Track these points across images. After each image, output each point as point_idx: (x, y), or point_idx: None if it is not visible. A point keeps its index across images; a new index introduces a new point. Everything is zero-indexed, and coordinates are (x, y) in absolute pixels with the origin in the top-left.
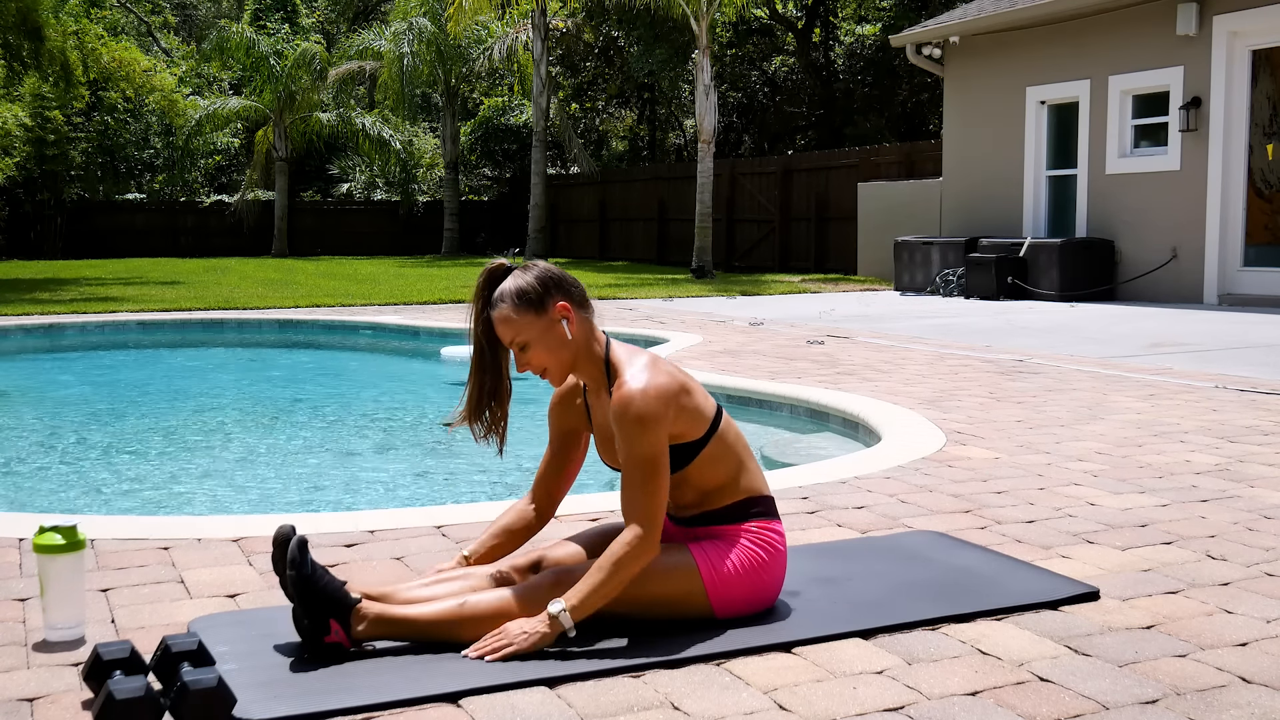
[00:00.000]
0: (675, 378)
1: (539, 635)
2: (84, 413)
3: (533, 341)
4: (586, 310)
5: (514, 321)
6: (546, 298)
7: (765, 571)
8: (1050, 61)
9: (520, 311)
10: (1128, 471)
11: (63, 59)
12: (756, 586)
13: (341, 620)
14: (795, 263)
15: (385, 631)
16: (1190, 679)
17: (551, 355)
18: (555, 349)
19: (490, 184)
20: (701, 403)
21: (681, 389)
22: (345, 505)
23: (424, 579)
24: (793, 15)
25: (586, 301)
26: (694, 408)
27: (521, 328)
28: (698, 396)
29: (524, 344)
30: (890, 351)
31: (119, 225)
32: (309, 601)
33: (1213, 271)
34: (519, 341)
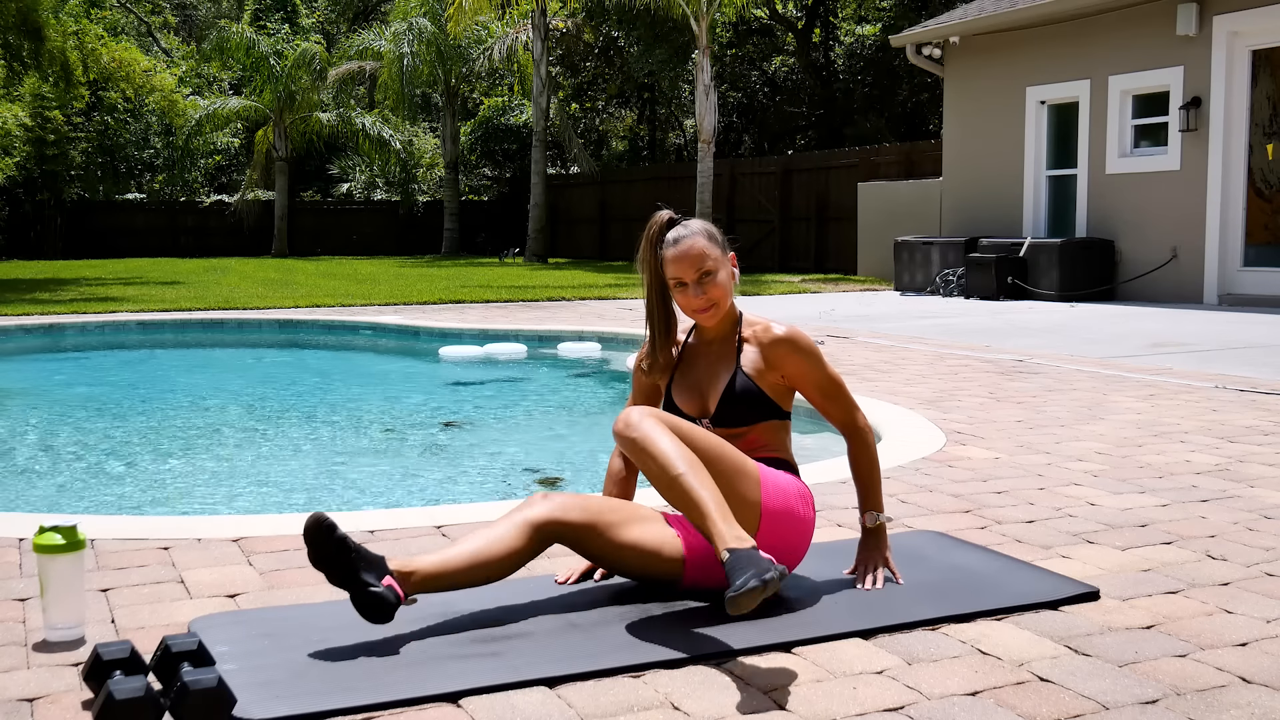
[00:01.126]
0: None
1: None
2: (84, 413)
3: (718, 272)
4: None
5: (708, 252)
6: (724, 240)
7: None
8: (1050, 61)
9: (712, 245)
10: (1128, 471)
11: (63, 59)
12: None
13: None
14: (795, 263)
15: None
16: (1190, 679)
17: (723, 291)
18: (726, 286)
19: (490, 184)
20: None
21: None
22: (345, 505)
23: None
24: (793, 15)
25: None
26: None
27: (713, 259)
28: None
29: (711, 271)
30: (890, 351)
31: (119, 225)
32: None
33: (1213, 271)
34: (708, 268)
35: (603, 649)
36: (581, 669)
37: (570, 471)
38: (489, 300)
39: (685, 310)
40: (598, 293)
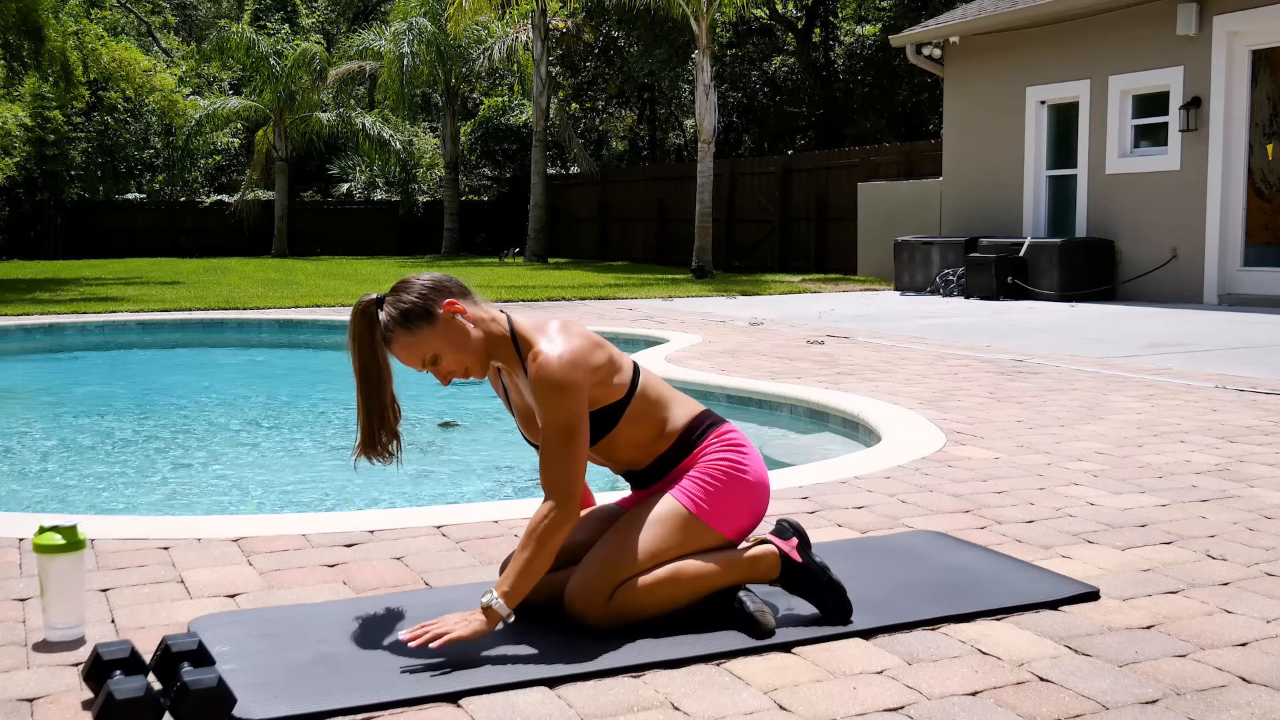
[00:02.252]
0: (589, 338)
1: (476, 625)
2: (84, 412)
3: (440, 351)
4: (471, 298)
5: (414, 343)
6: (430, 305)
7: (746, 471)
8: (1050, 61)
9: (414, 331)
10: (1128, 471)
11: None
12: (746, 489)
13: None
14: (795, 263)
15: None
16: (1190, 679)
17: (463, 354)
18: (463, 347)
19: (490, 184)
20: (617, 361)
21: (596, 347)
22: (345, 505)
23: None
24: (793, 15)
25: (467, 290)
26: (610, 369)
27: (423, 344)
28: (613, 357)
29: (434, 357)
30: (890, 351)
31: (119, 225)
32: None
33: (1213, 271)
34: (428, 358)
35: (603, 649)
36: (581, 669)
37: None
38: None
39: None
40: (598, 293)
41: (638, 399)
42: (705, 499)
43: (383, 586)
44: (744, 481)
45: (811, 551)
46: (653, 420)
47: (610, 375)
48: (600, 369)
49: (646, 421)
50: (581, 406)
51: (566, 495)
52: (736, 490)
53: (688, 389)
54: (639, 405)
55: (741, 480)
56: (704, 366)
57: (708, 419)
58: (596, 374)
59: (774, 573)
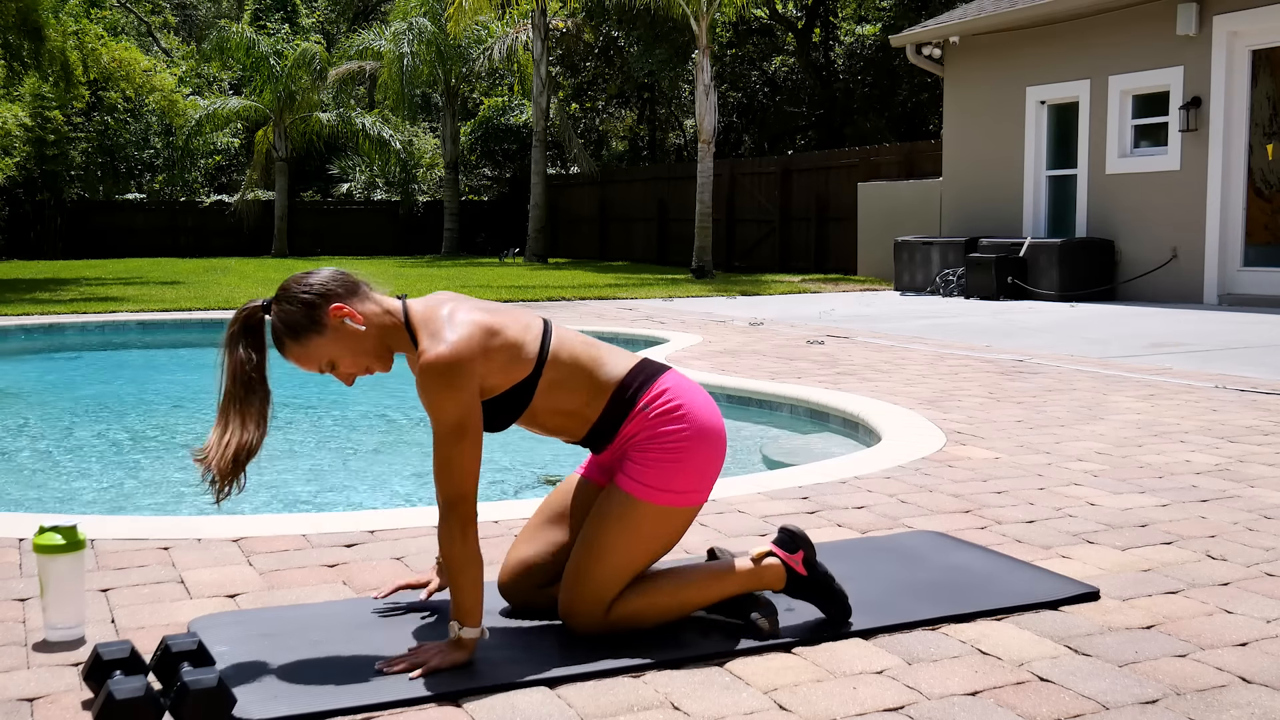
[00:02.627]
0: (477, 323)
1: (457, 657)
2: (84, 412)
3: (334, 356)
4: (358, 294)
5: (306, 353)
6: (316, 314)
7: (688, 438)
8: (1050, 61)
9: (304, 341)
10: (1128, 471)
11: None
12: (696, 454)
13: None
14: (795, 263)
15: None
16: (1190, 679)
17: (360, 355)
18: (358, 349)
19: (490, 184)
20: (517, 337)
21: (486, 332)
22: (345, 505)
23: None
24: (793, 15)
25: (355, 284)
26: (507, 346)
27: (316, 353)
28: (510, 333)
29: (331, 363)
30: (890, 351)
31: (119, 225)
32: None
33: (1213, 271)
34: (324, 365)
35: (603, 649)
36: (581, 669)
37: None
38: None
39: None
40: (598, 293)
41: (549, 368)
42: (658, 483)
43: (383, 586)
44: (690, 449)
45: (817, 559)
46: (576, 387)
47: (511, 356)
48: (495, 353)
49: (569, 388)
50: (469, 404)
51: (460, 497)
52: (685, 460)
53: None
54: (553, 375)
55: (687, 449)
56: (704, 366)
57: (640, 375)
58: (492, 361)
59: (779, 584)
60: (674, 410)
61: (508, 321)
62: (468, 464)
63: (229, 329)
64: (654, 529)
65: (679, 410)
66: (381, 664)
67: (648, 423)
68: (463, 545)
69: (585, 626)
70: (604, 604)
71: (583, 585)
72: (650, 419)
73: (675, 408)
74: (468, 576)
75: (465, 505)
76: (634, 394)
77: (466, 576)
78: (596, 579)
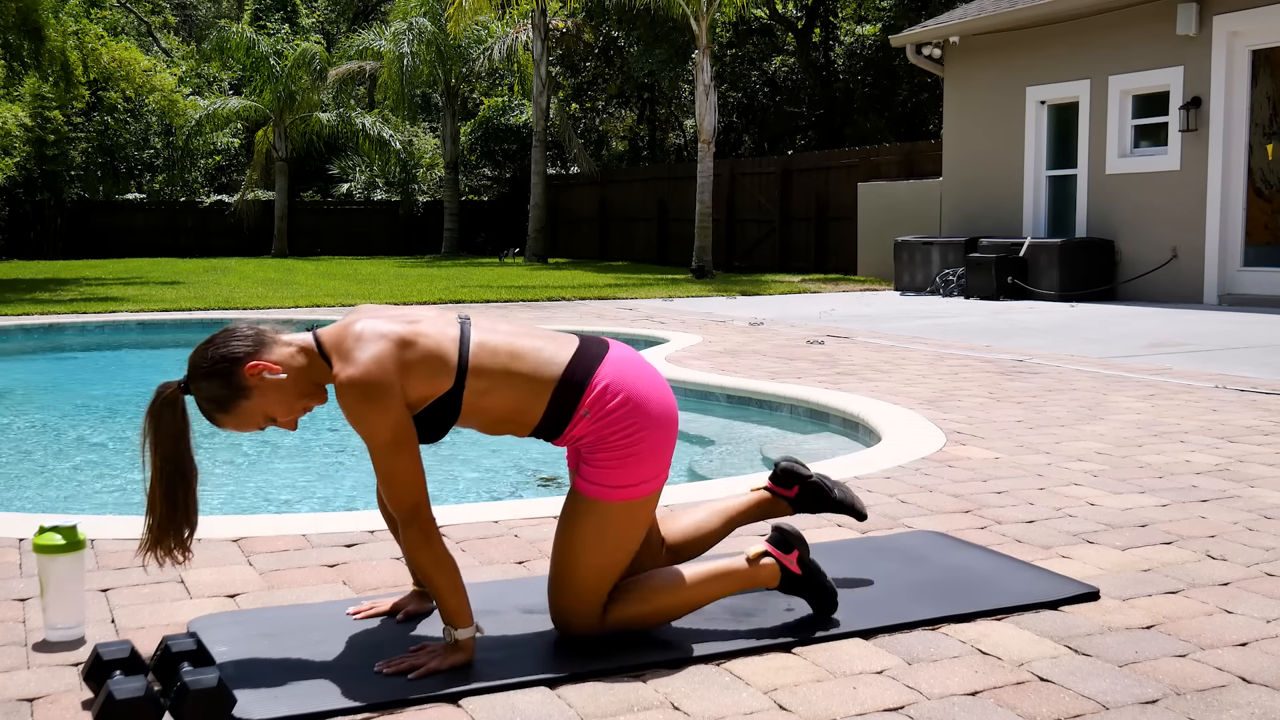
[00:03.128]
0: (388, 336)
1: (456, 659)
2: (84, 412)
3: (269, 410)
4: (265, 344)
5: (241, 421)
6: (233, 378)
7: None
8: (1050, 61)
9: (233, 410)
10: (1128, 471)
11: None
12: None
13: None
14: (795, 263)
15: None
16: (1190, 679)
17: (289, 402)
18: (286, 396)
19: (490, 184)
20: (435, 346)
21: (399, 344)
22: (346, 505)
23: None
24: (793, 15)
25: (260, 336)
26: (426, 356)
27: (249, 416)
28: (426, 342)
29: (268, 418)
30: (890, 351)
31: (119, 225)
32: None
33: (1213, 271)
34: (263, 422)
35: (603, 649)
36: (581, 669)
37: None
38: (489, 300)
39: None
40: (598, 293)
41: (473, 377)
42: (619, 481)
43: (383, 586)
44: (640, 442)
45: (810, 557)
46: (507, 391)
47: (432, 368)
48: (413, 366)
49: (500, 394)
50: (396, 417)
51: (414, 507)
52: (638, 453)
53: (688, 388)
54: (478, 384)
55: (638, 442)
56: (704, 366)
57: (578, 369)
58: (411, 373)
59: (774, 583)
60: (618, 408)
61: (426, 330)
62: (411, 473)
63: (148, 411)
64: (624, 526)
65: (623, 406)
66: (381, 665)
67: (594, 425)
68: (429, 550)
69: (580, 633)
70: (595, 608)
71: (567, 595)
72: (596, 422)
73: (619, 404)
74: (444, 580)
75: (422, 511)
76: (574, 395)
77: (443, 580)
78: (580, 585)
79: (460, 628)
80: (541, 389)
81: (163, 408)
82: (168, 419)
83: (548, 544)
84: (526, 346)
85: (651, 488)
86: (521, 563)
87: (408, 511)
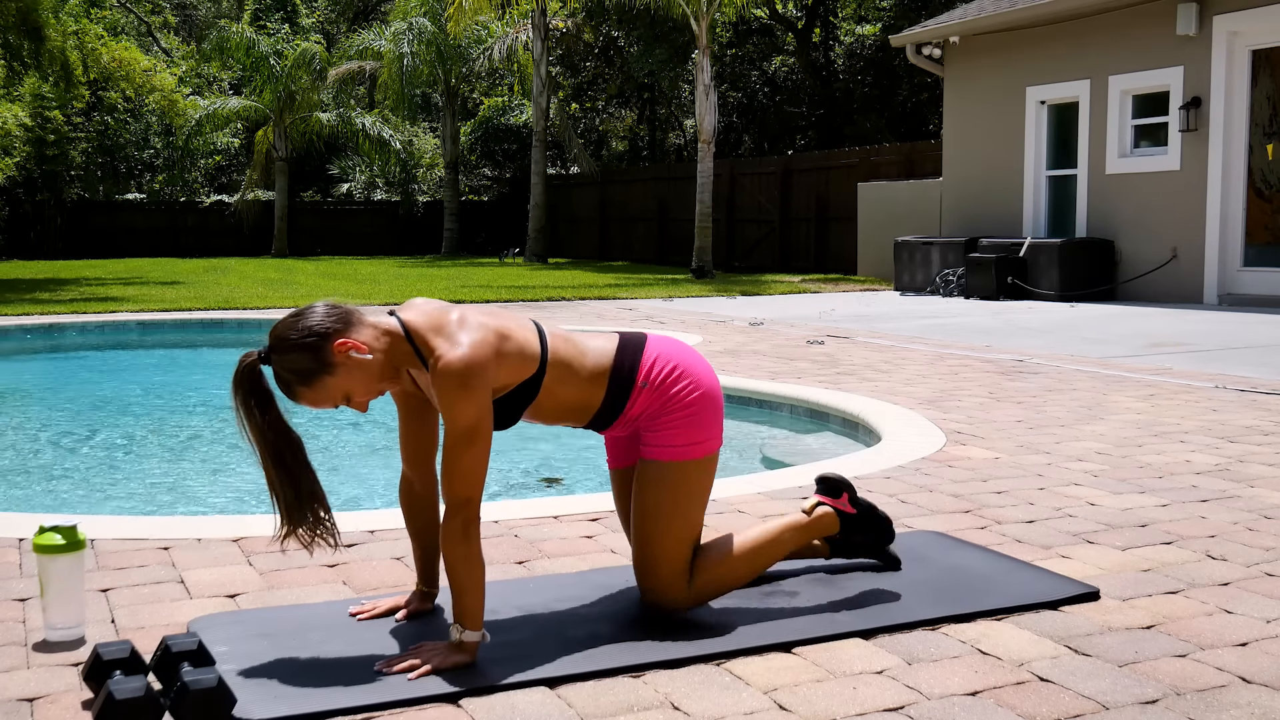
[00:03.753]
0: (489, 327)
1: (458, 659)
2: (84, 412)
3: (350, 390)
4: (355, 322)
5: (319, 396)
6: (321, 353)
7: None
8: (1050, 61)
9: (315, 385)
10: (1128, 471)
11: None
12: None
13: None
14: (795, 263)
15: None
16: (1190, 679)
17: (370, 382)
18: (369, 377)
19: (490, 184)
20: (525, 340)
21: (499, 337)
22: (346, 505)
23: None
24: (793, 15)
25: (349, 315)
26: (516, 350)
27: (329, 392)
28: (517, 337)
29: (346, 397)
30: (890, 351)
31: (119, 225)
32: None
33: (1213, 271)
34: (339, 401)
35: (602, 649)
36: (581, 669)
37: (570, 470)
38: (489, 300)
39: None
40: (598, 293)
41: (551, 366)
42: (686, 440)
43: (383, 586)
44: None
45: (858, 495)
46: (573, 380)
47: (521, 358)
48: (507, 357)
49: (568, 382)
50: (484, 407)
51: (465, 500)
52: (699, 411)
53: None
54: (554, 372)
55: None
56: None
57: (626, 354)
58: (504, 363)
59: (835, 528)
60: (672, 374)
61: (511, 325)
62: (477, 467)
63: (235, 393)
64: (697, 483)
65: (676, 371)
66: (381, 664)
67: (655, 395)
68: (465, 546)
69: (675, 604)
70: (684, 576)
71: (658, 566)
72: (656, 391)
73: (671, 370)
74: (470, 578)
75: (470, 508)
76: (629, 374)
77: (468, 578)
78: (667, 554)
79: (469, 629)
80: (600, 374)
81: (244, 377)
82: (250, 388)
83: (548, 544)
84: (580, 339)
85: (715, 444)
86: (521, 563)
87: (459, 502)
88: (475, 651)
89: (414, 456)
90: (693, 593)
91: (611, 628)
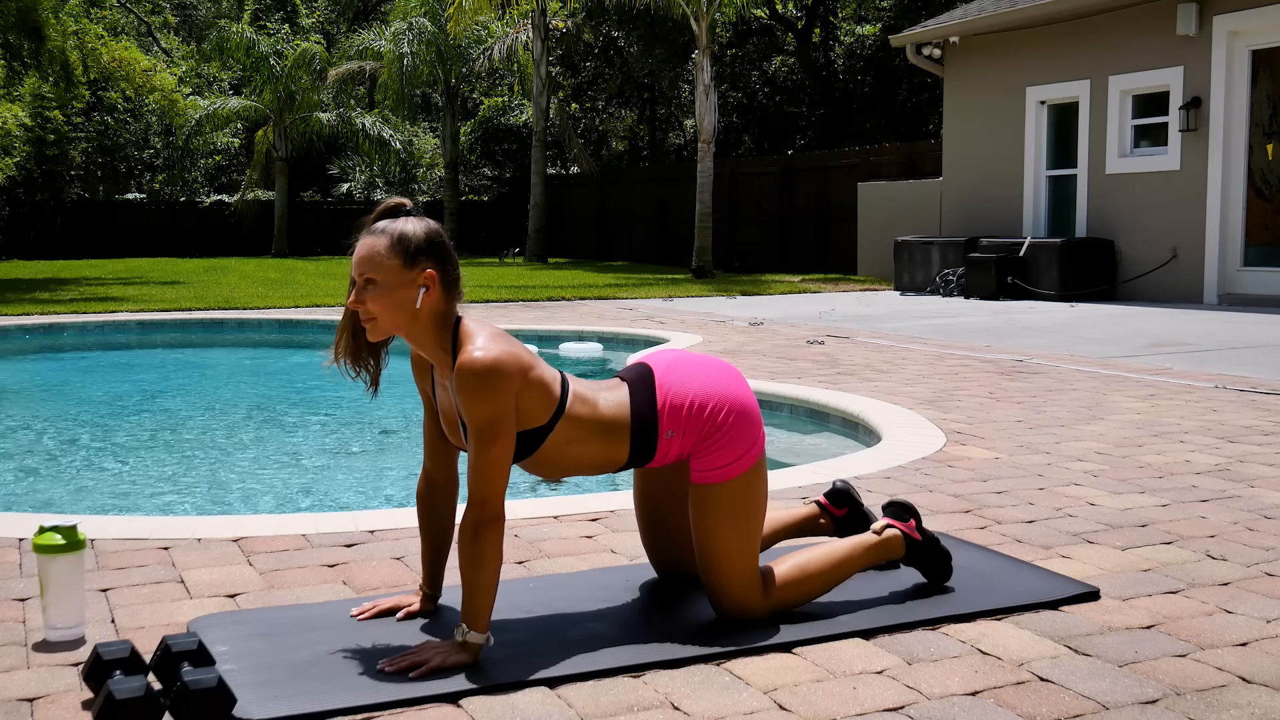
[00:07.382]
0: (522, 348)
1: (460, 659)
2: (84, 412)
3: (381, 285)
4: (452, 292)
5: (378, 259)
6: (420, 257)
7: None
8: (1050, 61)
9: (391, 253)
10: (1128, 471)
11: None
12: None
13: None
14: (795, 263)
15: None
16: (1190, 679)
17: (388, 311)
18: (395, 306)
19: (490, 184)
20: (549, 379)
21: (530, 359)
22: (346, 505)
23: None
24: (793, 15)
25: (456, 284)
26: (541, 382)
27: (380, 267)
28: (544, 373)
29: (372, 281)
30: (890, 351)
31: (119, 225)
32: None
33: (1213, 271)
34: (369, 277)
35: (603, 649)
36: (581, 669)
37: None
38: (489, 300)
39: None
40: (598, 292)
41: (565, 422)
42: (730, 459)
43: (383, 586)
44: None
45: (923, 525)
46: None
47: (541, 395)
48: (531, 385)
49: (583, 442)
50: (505, 409)
51: (480, 499)
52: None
53: None
54: (566, 430)
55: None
56: None
57: (639, 399)
58: (528, 390)
59: (900, 551)
60: (693, 411)
61: (541, 365)
62: (495, 468)
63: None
64: (752, 495)
65: (693, 406)
66: (384, 662)
67: (686, 436)
68: (472, 545)
69: (752, 616)
70: (756, 589)
71: (731, 586)
72: (682, 435)
73: (690, 408)
74: (475, 579)
75: (486, 508)
76: (650, 428)
77: (474, 579)
78: (738, 570)
79: (475, 630)
80: (620, 429)
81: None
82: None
83: (548, 544)
84: (595, 391)
85: (759, 449)
86: (521, 563)
87: (474, 501)
88: (478, 652)
89: (435, 451)
90: (769, 603)
91: (611, 628)
